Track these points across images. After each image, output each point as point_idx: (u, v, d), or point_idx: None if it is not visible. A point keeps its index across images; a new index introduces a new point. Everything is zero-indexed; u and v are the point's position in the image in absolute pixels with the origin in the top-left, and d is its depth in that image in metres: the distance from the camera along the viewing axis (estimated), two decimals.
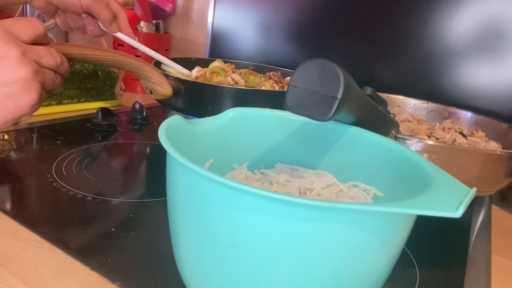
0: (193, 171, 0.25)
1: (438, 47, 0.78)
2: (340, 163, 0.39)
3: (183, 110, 0.65)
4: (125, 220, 0.45)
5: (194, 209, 0.27)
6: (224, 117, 0.39)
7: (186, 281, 0.31)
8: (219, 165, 0.38)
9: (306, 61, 0.32)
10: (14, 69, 0.34)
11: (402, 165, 0.33)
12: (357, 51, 0.87)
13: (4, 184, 0.50)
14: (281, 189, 0.36)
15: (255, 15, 0.99)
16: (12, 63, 0.34)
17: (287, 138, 0.41)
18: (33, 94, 0.36)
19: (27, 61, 0.35)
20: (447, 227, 0.55)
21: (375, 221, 0.25)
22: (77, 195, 0.49)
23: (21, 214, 0.44)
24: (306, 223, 0.23)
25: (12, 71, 0.34)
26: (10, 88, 0.35)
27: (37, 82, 0.36)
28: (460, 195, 0.24)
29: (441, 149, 0.50)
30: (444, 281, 0.43)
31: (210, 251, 0.27)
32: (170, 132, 0.30)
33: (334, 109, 0.31)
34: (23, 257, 0.37)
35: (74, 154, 0.61)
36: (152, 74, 0.58)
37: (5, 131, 0.67)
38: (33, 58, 0.36)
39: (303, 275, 0.25)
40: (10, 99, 0.35)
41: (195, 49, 1.13)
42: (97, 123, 0.75)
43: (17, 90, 0.35)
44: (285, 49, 0.97)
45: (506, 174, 0.54)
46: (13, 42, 0.35)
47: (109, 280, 0.35)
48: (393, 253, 0.28)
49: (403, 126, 0.68)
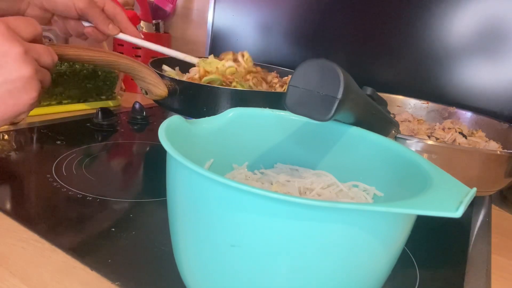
0: (193, 171, 0.25)
1: (438, 47, 0.78)
2: (340, 163, 0.39)
3: (179, 111, 0.65)
4: (125, 220, 0.45)
5: (194, 209, 0.27)
6: (224, 117, 0.39)
7: (186, 281, 0.31)
8: (219, 165, 0.38)
9: (306, 61, 0.32)
10: (16, 67, 0.34)
11: (402, 165, 0.33)
12: (357, 51, 0.87)
13: (4, 184, 0.50)
14: (281, 189, 0.36)
15: (255, 15, 0.99)
16: (14, 61, 0.34)
17: (287, 138, 0.41)
18: (33, 92, 0.36)
19: (29, 60, 0.35)
20: (447, 227, 0.55)
21: (375, 221, 0.25)
22: (77, 195, 0.49)
23: (21, 214, 0.44)
24: (306, 223, 0.23)
25: (14, 69, 0.34)
26: (11, 86, 0.35)
27: (37, 81, 0.36)
28: (460, 195, 0.24)
29: (441, 149, 0.50)
30: (444, 281, 0.43)
31: (210, 251, 0.26)
32: (170, 132, 0.30)
33: (334, 109, 0.31)
34: (23, 257, 0.37)
35: (74, 154, 0.61)
36: (147, 74, 0.58)
37: (5, 131, 0.67)
38: (34, 56, 0.36)
39: (303, 275, 0.25)
40: (10, 97, 0.35)
41: (195, 49, 1.13)
42: (97, 123, 0.75)
43: (18, 88, 0.35)
44: (285, 49, 0.97)
45: (506, 174, 0.54)
46: (16, 40, 0.35)
47: (109, 280, 0.35)
48: (393, 253, 0.28)
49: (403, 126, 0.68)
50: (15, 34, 0.35)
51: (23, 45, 0.35)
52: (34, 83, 0.36)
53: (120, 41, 1.04)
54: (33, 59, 0.36)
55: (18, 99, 0.35)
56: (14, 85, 0.35)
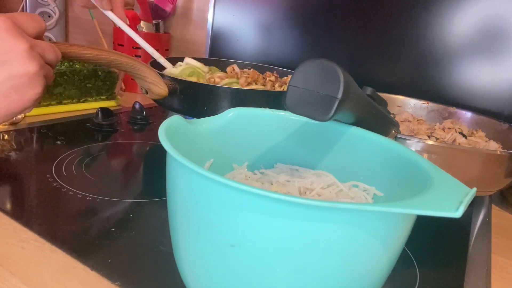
0: (193, 171, 0.25)
1: (438, 47, 0.78)
2: (340, 163, 0.39)
3: (179, 110, 0.65)
4: (125, 220, 0.45)
5: (194, 209, 0.27)
6: (224, 117, 0.39)
7: (186, 281, 0.31)
8: (219, 165, 0.38)
9: (306, 61, 0.32)
10: (22, 62, 0.35)
11: (402, 165, 0.33)
12: (357, 51, 0.87)
13: (4, 184, 0.50)
14: (281, 189, 0.36)
15: (255, 15, 0.99)
16: (20, 57, 0.35)
17: (287, 138, 0.41)
18: (38, 88, 0.36)
19: (34, 55, 0.36)
20: (447, 227, 0.55)
21: (375, 221, 0.25)
22: (77, 195, 0.49)
23: (21, 214, 0.44)
24: (306, 223, 0.23)
25: (20, 65, 0.35)
26: (17, 81, 0.35)
27: (42, 76, 0.37)
28: (460, 195, 0.24)
29: (441, 149, 0.50)
30: (444, 281, 0.43)
31: (210, 251, 0.26)
32: (170, 132, 0.30)
33: (334, 109, 0.31)
34: (23, 257, 0.37)
35: (74, 154, 0.61)
36: (148, 73, 0.58)
37: (5, 131, 0.67)
38: (39, 52, 0.37)
39: (303, 275, 0.25)
40: (16, 92, 0.35)
41: (195, 49, 1.13)
42: (97, 123, 0.75)
43: (23, 83, 0.35)
44: (285, 49, 0.97)
45: (506, 174, 0.54)
46: (22, 36, 0.35)
47: (109, 280, 0.35)
48: (393, 253, 0.28)
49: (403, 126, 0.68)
50: (21, 30, 0.36)
51: (29, 41, 0.35)
52: (39, 79, 0.36)
53: (120, 40, 1.04)
54: (38, 55, 0.37)
55: (23, 94, 0.36)
56: (20, 81, 0.35)
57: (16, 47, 0.34)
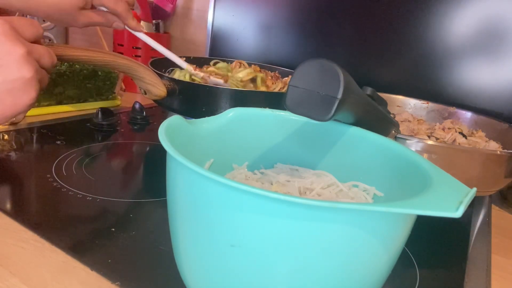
0: (193, 171, 0.25)
1: (438, 47, 0.78)
2: (340, 163, 0.39)
3: (178, 111, 0.65)
4: (125, 220, 0.45)
5: (194, 209, 0.27)
6: (224, 117, 0.39)
7: (186, 281, 0.31)
8: (219, 165, 0.38)
9: (306, 61, 0.32)
10: (18, 67, 0.35)
11: (402, 165, 0.33)
12: (358, 51, 0.87)
13: (4, 184, 0.50)
14: (281, 189, 0.36)
15: (255, 15, 0.99)
16: (16, 61, 0.34)
17: (287, 138, 0.41)
18: (32, 93, 0.36)
19: (30, 60, 0.36)
20: (447, 227, 0.55)
21: (375, 221, 0.25)
22: (77, 195, 0.49)
23: (21, 214, 0.44)
24: (306, 223, 0.23)
25: (16, 69, 0.34)
26: (11, 85, 0.35)
27: (37, 81, 0.37)
28: (460, 195, 0.24)
29: (441, 149, 0.50)
30: (444, 281, 0.43)
31: (210, 251, 0.26)
32: (170, 132, 0.30)
33: (334, 109, 0.31)
34: (23, 257, 0.37)
35: (74, 154, 0.61)
36: (146, 74, 0.58)
37: (5, 131, 0.67)
38: (35, 57, 0.37)
39: (303, 275, 0.25)
40: (10, 96, 0.35)
41: (195, 49, 1.13)
42: (97, 123, 0.75)
43: (18, 88, 0.35)
44: (285, 49, 0.97)
45: (506, 174, 0.54)
46: (19, 40, 0.35)
47: (109, 280, 0.35)
48: (393, 253, 0.28)
49: (403, 126, 0.68)
50: (18, 34, 0.36)
51: (26, 46, 0.35)
52: (33, 84, 0.36)
53: (120, 41, 1.04)
54: (34, 60, 0.36)
55: (17, 99, 0.36)
56: (14, 85, 0.35)
57: (13, 51, 0.34)
